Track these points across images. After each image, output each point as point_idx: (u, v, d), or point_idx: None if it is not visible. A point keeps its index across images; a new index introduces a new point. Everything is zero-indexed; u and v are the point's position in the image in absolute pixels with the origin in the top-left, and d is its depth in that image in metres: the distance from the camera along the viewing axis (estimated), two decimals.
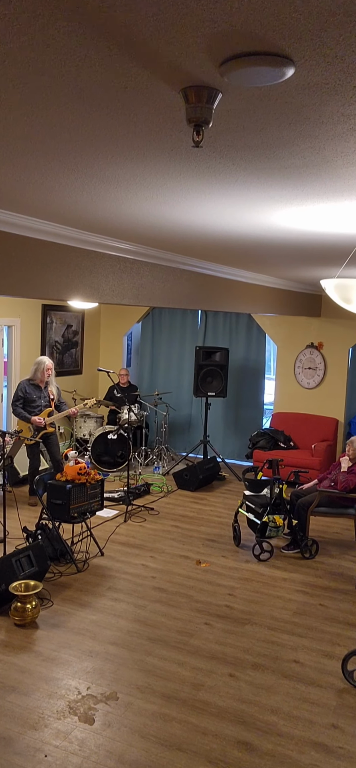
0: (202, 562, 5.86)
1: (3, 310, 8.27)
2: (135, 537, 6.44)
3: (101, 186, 2.93)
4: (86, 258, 4.70)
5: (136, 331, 10.94)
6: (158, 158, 2.38)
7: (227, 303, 6.76)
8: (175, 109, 1.80)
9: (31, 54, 1.50)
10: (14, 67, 1.59)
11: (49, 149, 2.36)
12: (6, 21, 1.34)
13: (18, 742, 3.31)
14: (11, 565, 4.71)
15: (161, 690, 3.84)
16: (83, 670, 4.00)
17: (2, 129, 2.14)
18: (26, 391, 7.07)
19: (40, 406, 7.12)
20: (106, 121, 1.98)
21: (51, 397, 7.20)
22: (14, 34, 1.40)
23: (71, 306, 9.10)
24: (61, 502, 5.47)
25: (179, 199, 3.14)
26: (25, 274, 4.22)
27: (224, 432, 10.09)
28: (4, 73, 1.64)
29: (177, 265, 5.65)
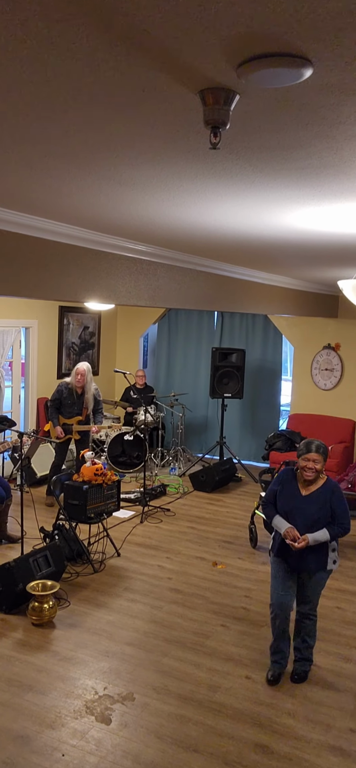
0: (218, 564, 5.85)
1: (20, 312, 8.34)
2: (151, 538, 6.45)
3: (118, 188, 2.94)
4: (103, 260, 4.72)
5: (152, 333, 10.96)
6: (175, 160, 2.38)
7: (244, 304, 6.74)
8: (192, 111, 1.80)
9: (49, 58, 1.52)
10: (32, 71, 1.61)
11: (66, 152, 2.37)
12: (25, 26, 1.35)
13: (36, 740, 3.33)
14: (29, 565, 4.74)
15: (178, 691, 3.84)
16: (100, 670, 4.01)
17: (21, 132, 2.16)
18: (62, 394, 7.11)
19: (73, 412, 7.15)
20: (123, 123, 1.99)
21: (85, 406, 7.19)
22: (33, 39, 1.42)
23: (88, 307, 9.15)
24: (78, 503, 5.50)
25: (196, 201, 3.14)
26: (42, 276, 4.25)
27: (240, 433, 10.07)
28: (22, 78, 1.65)
29: (193, 266, 5.65)
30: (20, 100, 1.83)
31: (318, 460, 3.84)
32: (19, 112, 1.94)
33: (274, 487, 4.06)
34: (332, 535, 3.83)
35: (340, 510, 3.86)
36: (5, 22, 1.34)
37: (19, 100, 1.83)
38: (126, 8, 1.25)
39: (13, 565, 4.60)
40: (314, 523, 3.83)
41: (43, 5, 1.26)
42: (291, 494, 3.95)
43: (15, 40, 1.42)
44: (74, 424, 7.12)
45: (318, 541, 3.82)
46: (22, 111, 1.93)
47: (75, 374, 7.11)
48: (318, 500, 3.87)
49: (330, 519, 3.85)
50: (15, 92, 1.77)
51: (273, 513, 4.00)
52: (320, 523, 3.83)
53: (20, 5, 1.26)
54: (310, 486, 3.92)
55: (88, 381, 7.15)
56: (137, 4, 1.24)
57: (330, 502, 3.86)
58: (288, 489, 3.97)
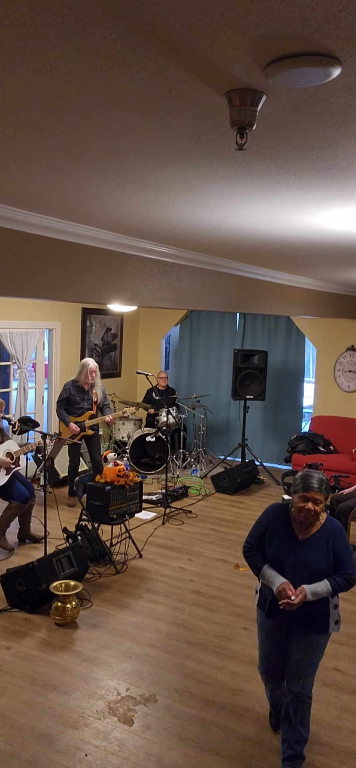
0: (240, 566, 5.83)
1: (44, 314, 8.41)
2: (173, 539, 6.45)
3: (143, 191, 2.95)
4: (126, 262, 4.74)
5: (174, 334, 10.96)
6: (200, 162, 2.38)
7: (267, 305, 6.71)
8: (218, 112, 1.80)
9: (77, 63, 1.53)
10: (59, 76, 1.62)
11: (92, 155, 2.39)
12: (54, 30, 1.36)
13: (59, 740, 3.35)
14: (52, 565, 4.78)
15: (200, 694, 3.83)
16: (122, 671, 4.02)
17: (48, 136, 2.17)
18: (71, 392, 7.18)
19: (83, 408, 7.21)
20: (149, 126, 1.99)
21: (94, 399, 7.28)
22: (61, 44, 1.42)
23: (111, 309, 9.19)
24: (100, 504, 5.53)
25: (220, 203, 3.13)
26: (66, 278, 4.28)
27: (262, 435, 10.02)
28: (48, 83, 1.67)
29: (216, 267, 5.64)
30: (46, 105, 1.84)
31: (319, 500, 3.04)
32: (45, 116, 1.95)
33: (260, 528, 3.27)
34: (334, 588, 3.08)
35: (344, 557, 3.11)
36: (35, 26, 1.35)
37: (42, 105, 1.85)
38: (154, 11, 1.25)
39: (36, 565, 4.64)
40: (313, 574, 3.09)
41: (72, 9, 1.26)
42: (284, 538, 3.16)
43: (44, 43, 1.43)
44: (86, 419, 7.17)
45: (318, 595, 3.06)
46: (48, 115, 1.94)
47: (87, 372, 7.16)
48: (319, 545, 3.12)
49: (331, 568, 3.12)
50: (41, 96, 1.78)
51: (260, 563, 3.22)
52: (320, 573, 3.10)
53: (50, 9, 1.27)
54: (308, 528, 3.15)
55: (97, 376, 7.30)
56: (165, 7, 1.23)
57: (332, 547, 3.12)
58: (279, 532, 3.18)
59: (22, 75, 1.63)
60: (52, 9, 1.26)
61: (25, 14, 1.29)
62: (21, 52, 1.48)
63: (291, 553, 3.14)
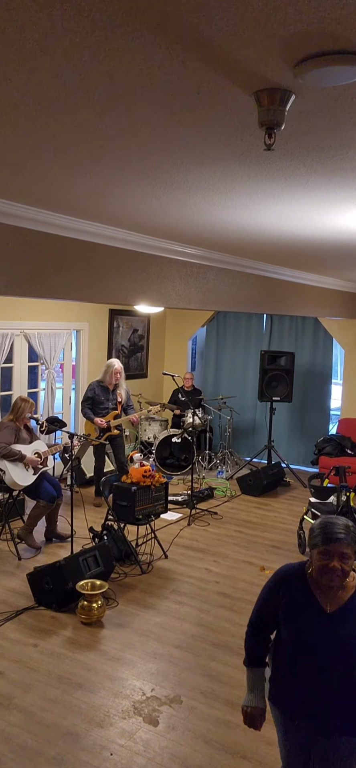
0: (266, 569, 5.79)
1: (72, 315, 8.49)
2: (199, 541, 6.44)
3: (170, 192, 2.95)
4: (154, 263, 4.75)
5: (200, 335, 10.95)
6: (228, 162, 2.37)
7: (294, 306, 6.65)
8: (246, 112, 1.79)
9: (106, 65, 1.54)
10: (88, 78, 1.63)
11: (121, 157, 2.40)
12: (83, 33, 1.37)
13: (85, 738, 3.37)
14: (78, 564, 4.81)
15: (225, 696, 3.82)
16: (148, 671, 4.03)
17: (75, 137, 2.19)
18: (95, 392, 7.23)
19: (108, 408, 7.26)
20: (177, 127, 1.99)
21: (119, 400, 7.32)
22: (91, 46, 1.43)
23: (137, 310, 9.23)
24: (126, 504, 5.55)
25: (248, 203, 3.12)
26: (94, 279, 4.31)
27: (289, 437, 9.94)
28: (79, 85, 1.68)
29: (243, 268, 5.62)
30: (74, 105, 1.86)
31: (348, 554, 2.22)
32: (74, 117, 1.97)
33: (268, 606, 2.43)
34: None
35: None
36: (65, 30, 1.36)
37: (72, 106, 1.86)
38: (182, 12, 1.25)
39: (63, 564, 4.69)
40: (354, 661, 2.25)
41: (102, 12, 1.27)
42: (305, 615, 2.30)
43: (74, 46, 1.44)
44: (111, 419, 7.22)
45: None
46: (77, 116, 1.96)
47: (112, 372, 7.21)
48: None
49: None
50: (69, 97, 1.80)
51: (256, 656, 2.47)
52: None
53: (80, 12, 1.28)
54: (336, 594, 2.28)
55: (122, 377, 7.35)
56: (194, 8, 1.23)
57: None
58: (298, 606, 2.33)
59: (50, 77, 1.65)
60: (81, 12, 1.28)
61: (55, 17, 1.31)
62: (48, 54, 1.50)
63: (317, 634, 2.27)
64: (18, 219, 3.62)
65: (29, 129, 2.10)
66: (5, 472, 5.66)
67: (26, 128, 2.10)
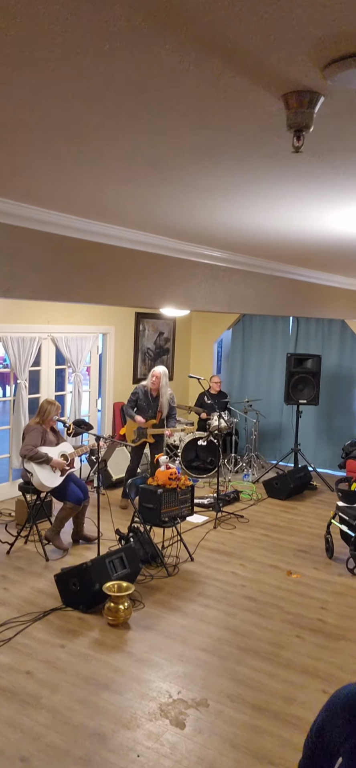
0: (293, 573, 5.74)
1: (98, 318, 8.56)
2: (225, 544, 6.42)
3: (197, 196, 2.96)
4: (179, 267, 4.76)
5: (226, 338, 10.93)
6: (256, 166, 2.37)
7: (320, 309, 6.60)
8: (274, 115, 1.79)
9: (134, 73, 1.55)
10: (116, 86, 1.65)
11: (148, 162, 2.42)
12: (111, 42, 1.39)
13: (112, 739, 3.39)
14: (105, 566, 4.84)
15: (252, 701, 3.79)
16: (174, 674, 4.03)
17: (104, 144, 2.21)
18: (139, 396, 7.25)
19: (148, 416, 7.27)
20: (205, 131, 2.00)
21: (159, 409, 7.29)
22: (118, 56, 1.45)
23: (163, 313, 9.26)
24: (152, 507, 5.57)
25: (275, 206, 3.10)
26: (121, 283, 4.34)
27: (315, 440, 9.85)
28: (108, 94, 1.70)
29: (269, 271, 5.59)
30: (102, 112, 1.88)
31: None
32: (103, 125, 1.99)
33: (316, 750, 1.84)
34: None
35: None
36: (90, 37, 1.38)
37: (100, 114, 1.88)
38: (209, 17, 1.26)
39: (90, 566, 4.72)
40: None
41: (130, 19, 1.29)
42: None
43: (101, 55, 1.46)
44: (149, 427, 7.22)
45: None
46: (106, 124, 1.98)
47: (151, 377, 7.21)
48: None
49: None
50: (98, 104, 1.82)
51: None
52: None
53: (107, 20, 1.29)
54: None
55: (163, 385, 7.21)
56: (221, 12, 1.24)
57: None
58: None
59: (79, 84, 1.67)
60: (108, 20, 1.29)
61: (83, 26, 1.32)
62: (77, 64, 1.52)
63: None
64: (46, 225, 3.68)
65: (58, 137, 2.14)
66: (33, 474, 5.73)
67: (55, 136, 2.13)
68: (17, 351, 7.35)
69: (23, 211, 3.47)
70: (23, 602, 4.92)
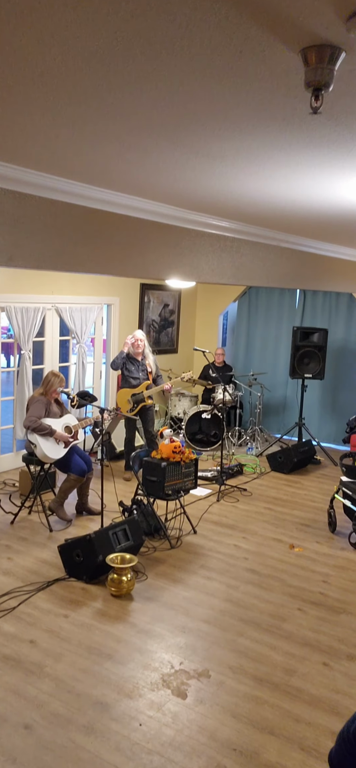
0: (295, 547, 5.75)
1: (103, 289, 8.48)
2: (228, 517, 6.43)
3: (206, 162, 2.88)
4: (186, 237, 4.68)
5: (232, 311, 10.84)
6: (269, 130, 2.28)
7: (329, 282, 6.51)
8: (291, 73, 1.71)
9: (142, 27, 1.47)
10: (122, 41, 1.57)
11: (156, 126, 2.34)
12: None
13: (114, 708, 3.41)
14: (108, 537, 4.84)
15: (253, 672, 3.81)
16: (176, 645, 4.05)
17: (109, 106, 2.13)
18: (126, 366, 7.27)
19: (139, 379, 7.28)
20: (217, 92, 1.92)
21: (149, 370, 7.34)
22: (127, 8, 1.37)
23: (168, 285, 9.17)
24: (156, 479, 5.55)
25: (287, 173, 3.02)
26: (126, 253, 4.27)
27: (320, 415, 9.81)
28: (111, 49, 1.62)
29: (278, 242, 5.50)
30: (109, 71, 1.80)
31: None
32: (109, 85, 1.91)
33: None
34: None
35: None
36: None
37: (107, 72, 1.80)
38: None
39: (93, 537, 4.72)
40: None
41: None
42: None
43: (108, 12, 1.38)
44: (143, 390, 7.23)
45: None
46: (112, 83, 1.90)
47: (134, 341, 7.24)
48: None
49: None
50: (103, 63, 1.74)
51: None
52: None
53: None
54: None
55: (146, 345, 7.37)
56: None
57: None
58: None
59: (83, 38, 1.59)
60: None
61: None
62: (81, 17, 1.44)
63: None
64: (50, 191, 3.59)
65: (60, 96, 2.06)
66: (36, 446, 5.71)
67: (57, 94, 2.05)
68: (21, 321, 7.29)
69: (27, 177, 3.38)
70: (27, 572, 4.94)
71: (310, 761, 3.11)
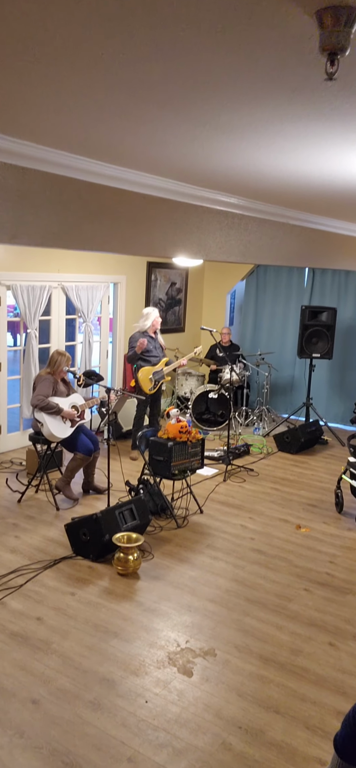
0: (302, 527, 5.73)
1: (109, 267, 8.42)
2: (234, 497, 6.42)
3: (214, 135, 2.81)
4: (194, 213, 4.61)
5: (239, 289, 10.75)
6: (279, 101, 2.22)
7: (339, 260, 6.42)
8: (304, 38, 1.64)
9: None
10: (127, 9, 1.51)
11: (162, 97, 2.27)
12: None
13: (121, 685, 3.42)
14: (115, 517, 4.85)
15: (259, 651, 3.81)
16: (182, 623, 4.05)
17: (114, 78, 2.07)
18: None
19: (158, 357, 7.25)
20: (225, 59, 1.86)
21: (163, 346, 7.35)
22: None
23: (175, 263, 9.09)
24: (162, 459, 5.54)
25: (297, 147, 2.95)
26: (133, 231, 4.21)
27: (328, 395, 9.75)
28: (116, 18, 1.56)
29: (287, 220, 5.42)
30: (114, 40, 1.74)
31: None
32: (113, 55, 1.85)
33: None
34: None
35: None
36: None
37: (112, 41, 1.75)
38: None
39: (100, 516, 4.72)
40: None
41: None
42: None
43: None
44: (163, 366, 7.23)
45: None
46: (116, 54, 1.84)
47: (151, 319, 7.18)
48: None
49: None
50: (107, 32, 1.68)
51: None
52: None
53: None
54: None
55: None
56: None
57: None
58: None
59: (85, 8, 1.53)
60: None
61: None
62: None
63: None
64: (54, 166, 3.53)
65: (63, 64, 2.00)
66: (43, 425, 5.70)
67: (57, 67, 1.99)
68: (27, 300, 7.26)
69: (31, 151, 3.33)
70: (34, 550, 4.96)
71: (315, 740, 3.12)
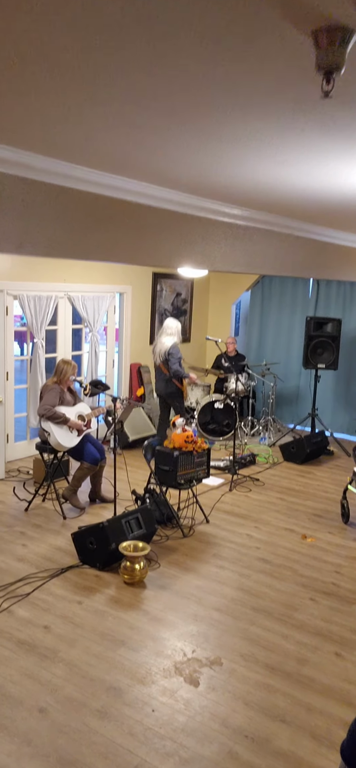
0: (308, 537, 5.74)
1: (115, 278, 8.48)
2: (240, 507, 6.43)
3: (218, 146, 2.86)
4: (198, 225, 4.66)
5: (245, 300, 10.79)
6: (280, 113, 2.26)
7: (344, 271, 6.45)
8: (302, 56, 1.69)
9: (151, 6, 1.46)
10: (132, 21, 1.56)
11: (167, 109, 2.32)
12: None
13: (128, 693, 3.44)
14: (121, 525, 4.87)
15: (265, 660, 3.82)
16: (189, 633, 4.07)
17: (120, 89, 2.13)
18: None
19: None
20: (228, 74, 1.90)
21: None
22: None
23: (181, 274, 9.15)
24: (168, 469, 5.57)
25: (299, 158, 2.99)
26: (138, 241, 4.26)
27: (333, 405, 9.75)
28: (120, 30, 1.61)
29: (291, 231, 5.46)
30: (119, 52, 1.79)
31: None
32: (117, 67, 1.90)
33: None
34: None
35: None
36: None
37: (117, 53, 1.80)
38: None
39: (106, 525, 4.75)
40: None
41: None
42: None
43: None
44: None
45: None
46: (120, 66, 1.89)
47: (179, 333, 7.29)
48: None
49: None
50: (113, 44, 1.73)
51: None
52: None
53: None
54: None
55: None
56: None
57: None
58: None
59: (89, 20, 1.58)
60: None
61: None
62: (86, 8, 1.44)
63: None
64: (61, 177, 3.59)
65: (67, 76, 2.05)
66: (50, 434, 5.75)
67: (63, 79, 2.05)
68: (34, 310, 7.32)
69: (37, 162, 3.39)
70: (41, 558, 4.99)
71: (322, 749, 3.12)
